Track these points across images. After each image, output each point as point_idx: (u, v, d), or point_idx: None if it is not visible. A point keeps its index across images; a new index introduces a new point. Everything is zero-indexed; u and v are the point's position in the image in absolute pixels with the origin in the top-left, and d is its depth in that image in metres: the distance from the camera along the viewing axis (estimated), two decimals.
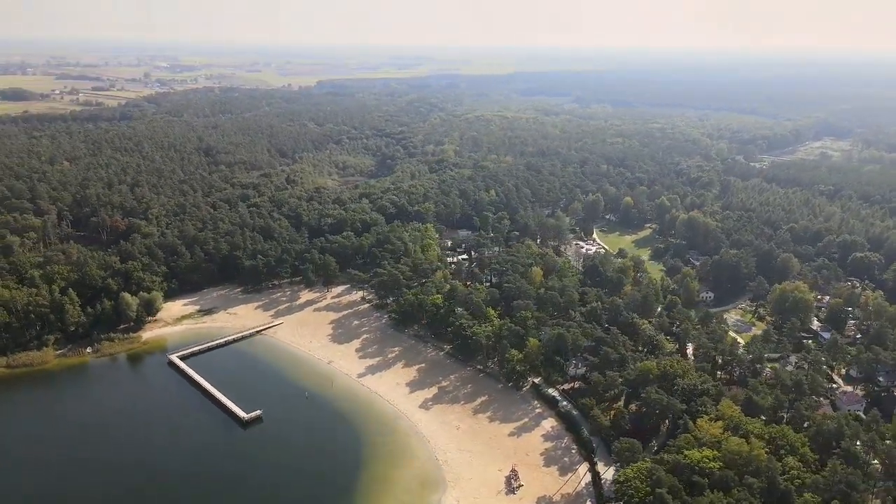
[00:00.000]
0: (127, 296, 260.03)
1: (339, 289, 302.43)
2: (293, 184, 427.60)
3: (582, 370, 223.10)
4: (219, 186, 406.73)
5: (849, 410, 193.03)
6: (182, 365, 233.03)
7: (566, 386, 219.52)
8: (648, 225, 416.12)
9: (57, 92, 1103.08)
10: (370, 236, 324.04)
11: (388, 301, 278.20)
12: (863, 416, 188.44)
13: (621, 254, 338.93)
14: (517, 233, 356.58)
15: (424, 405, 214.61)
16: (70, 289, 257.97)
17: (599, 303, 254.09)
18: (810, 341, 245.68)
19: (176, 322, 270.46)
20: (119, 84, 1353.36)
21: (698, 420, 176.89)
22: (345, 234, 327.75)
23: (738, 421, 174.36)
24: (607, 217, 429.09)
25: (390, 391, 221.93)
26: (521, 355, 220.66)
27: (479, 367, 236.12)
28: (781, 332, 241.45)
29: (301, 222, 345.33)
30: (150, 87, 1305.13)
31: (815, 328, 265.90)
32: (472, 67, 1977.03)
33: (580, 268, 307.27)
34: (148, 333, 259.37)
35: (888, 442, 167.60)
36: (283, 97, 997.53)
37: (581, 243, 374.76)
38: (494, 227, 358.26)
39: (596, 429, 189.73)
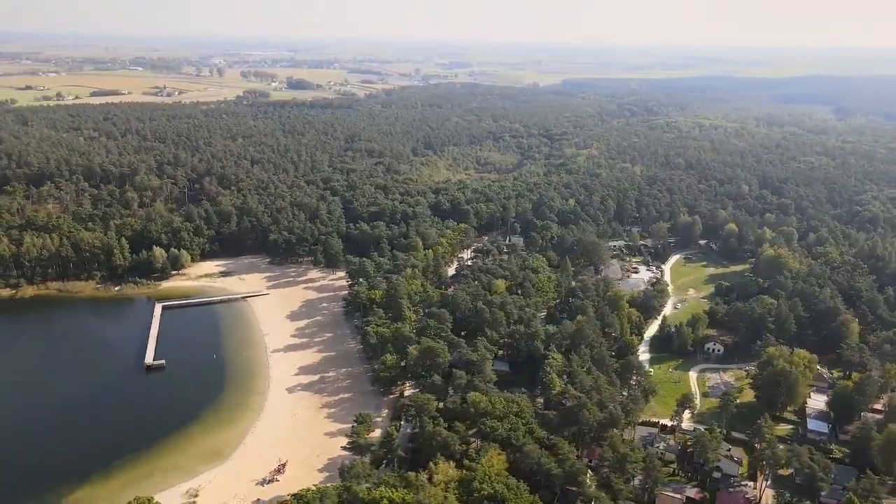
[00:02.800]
0: (157, 250, 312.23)
1: (343, 273, 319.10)
2: (395, 173, 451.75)
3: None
4: (321, 169, 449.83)
5: None
6: (157, 313, 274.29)
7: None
8: (752, 259, 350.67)
9: (331, 83, 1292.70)
10: (387, 228, 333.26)
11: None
12: None
13: (658, 286, 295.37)
14: (553, 244, 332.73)
15: (292, 389, 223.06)
16: (124, 237, 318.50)
17: (522, 327, 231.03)
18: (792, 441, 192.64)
19: (196, 278, 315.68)
20: (392, 78, 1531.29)
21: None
22: (375, 223, 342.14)
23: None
24: (707, 244, 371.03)
25: (281, 371, 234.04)
26: (392, 361, 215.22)
27: (376, 366, 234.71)
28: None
29: (349, 208, 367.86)
30: (411, 81, 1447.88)
31: (812, 413, 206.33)
32: (751, 70, 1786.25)
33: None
34: (167, 283, 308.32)
35: None
36: (504, 94, 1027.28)
37: (642, 268, 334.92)
38: (537, 236, 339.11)
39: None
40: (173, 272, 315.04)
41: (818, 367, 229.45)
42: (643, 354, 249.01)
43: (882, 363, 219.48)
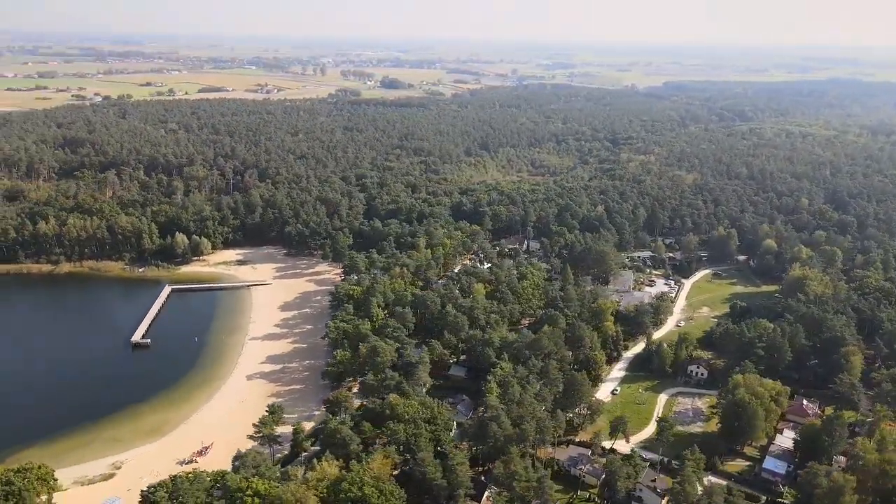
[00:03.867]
0: (179, 236, 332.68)
1: None
2: (433, 172, 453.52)
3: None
4: (361, 165, 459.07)
5: None
6: (163, 295, 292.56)
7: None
8: None
9: (424, 83, 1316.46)
10: (398, 226, 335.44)
11: None
12: None
13: (660, 299, 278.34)
14: (565, 251, 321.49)
15: (252, 377, 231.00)
16: (154, 223, 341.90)
17: (479, 332, 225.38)
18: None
19: (214, 265, 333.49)
20: (487, 78, 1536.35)
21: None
22: (389, 221, 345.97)
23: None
24: (746, 260, 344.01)
25: (250, 358, 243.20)
26: (343, 357, 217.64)
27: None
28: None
29: (372, 205, 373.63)
30: (505, 82, 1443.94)
31: (774, 451, 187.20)
32: (888, 73, 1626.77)
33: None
34: (186, 268, 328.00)
35: None
36: (589, 96, 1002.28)
37: (660, 281, 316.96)
38: (547, 241, 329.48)
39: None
40: (194, 258, 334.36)
41: (807, 400, 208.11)
42: (619, 372, 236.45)
43: (874, 403, 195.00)
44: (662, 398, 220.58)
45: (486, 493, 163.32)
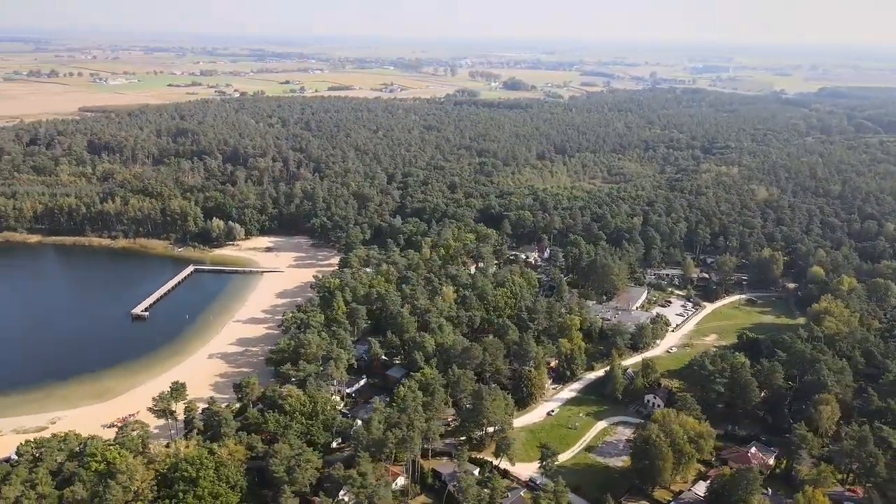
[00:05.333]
0: (216, 221, 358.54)
1: None
2: (487, 175, 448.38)
3: None
4: (416, 163, 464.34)
5: None
6: (183, 274, 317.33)
7: None
8: None
9: (549, 84, 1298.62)
10: (414, 225, 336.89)
11: None
12: None
13: (654, 321, 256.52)
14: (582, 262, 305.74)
15: (213, 356, 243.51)
16: (199, 207, 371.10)
17: (417, 335, 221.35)
18: None
19: (244, 250, 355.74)
20: (622, 81, 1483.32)
21: None
22: (410, 219, 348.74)
23: None
24: (795, 288, 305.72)
25: (222, 338, 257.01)
26: (284, 345, 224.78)
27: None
28: None
29: (402, 202, 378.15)
30: (639, 85, 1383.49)
31: (685, 499, 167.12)
32: None
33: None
34: (218, 251, 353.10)
35: None
36: (715, 101, 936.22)
37: (678, 302, 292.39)
38: (558, 251, 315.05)
39: None
40: (227, 242, 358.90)
41: (758, 447, 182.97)
42: (570, 392, 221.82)
43: (821, 462, 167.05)
44: (600, 425, 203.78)
45: (341, 492, 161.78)
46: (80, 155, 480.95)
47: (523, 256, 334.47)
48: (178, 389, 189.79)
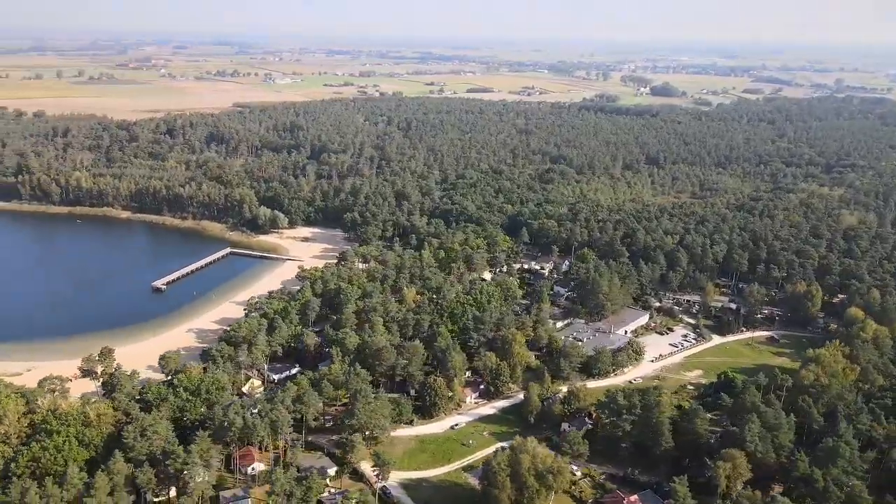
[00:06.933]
0: (262, 209, 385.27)
1: None
2: (545, 182, 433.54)
3: None
4: (477, 167, 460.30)
5: None
6: (218, 255, 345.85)
7: None
8: None
9: (703, 90, 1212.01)
10: (431, 225, 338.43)
11: None
12: None
13: (622, 348, 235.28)
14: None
15: (191, 331, 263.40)
16: (256, 195, 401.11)
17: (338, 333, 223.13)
18: None
19: (284, 238, 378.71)
20: (800, 88, 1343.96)
21: None
22: (434, 220, 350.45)
23: None
24: (836, 328, 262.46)
25: (209, 316, 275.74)
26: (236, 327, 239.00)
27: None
28: None
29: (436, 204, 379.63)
30: (818, 91, 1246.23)
31: None
32: None
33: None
34: (261, 237, 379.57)
35: None
36: (888, 114, 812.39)
37: (680, 331, 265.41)
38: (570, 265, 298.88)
39: None
40: (272, 230, 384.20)
41: (639, 498, 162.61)
42: (491, 409, 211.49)
43: None
44: (498, 447, 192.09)
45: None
46: (193, 144, 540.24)
47: (537, 267, 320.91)
48: (105, 354, 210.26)
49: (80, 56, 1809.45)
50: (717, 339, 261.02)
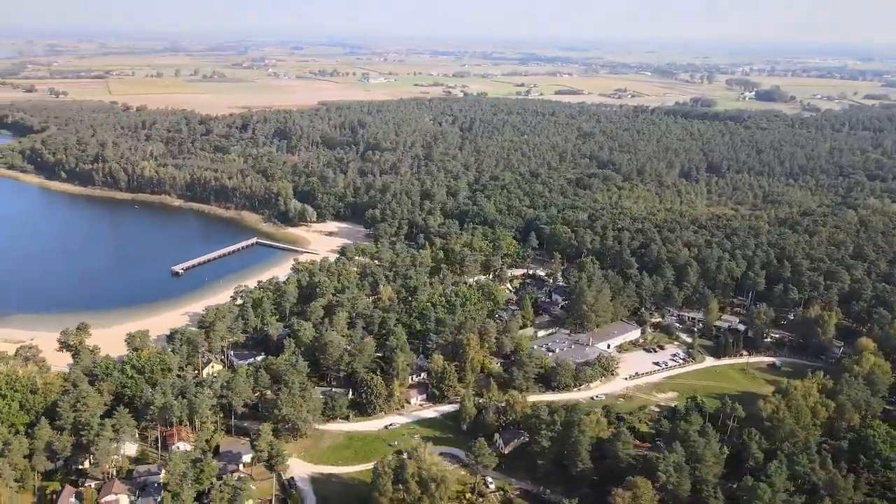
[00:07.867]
0: (292, 203, 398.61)
1: None
2: (584, 188, 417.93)
3: None
4: (516, 170, 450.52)
5: None
6: (244, 244, 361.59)
7: None
8: None
9: (817, 96, 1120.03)
10: (445, 226, 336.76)
11: None
12: None
13: (588, 363, 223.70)
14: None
15: (186, 314, 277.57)
16: (292, 188, 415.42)
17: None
18: None
19: (310, 231, 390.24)
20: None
21: None
22: (448, 220, 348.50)
23: None
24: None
25: (210, 301, 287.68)
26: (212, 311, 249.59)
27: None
28: None
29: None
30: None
31: None
32: None
33: None
34: (290, 229, 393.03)
35: None
36: None
37: (671, 350, 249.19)
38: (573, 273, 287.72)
39: None
40: (300, 223, 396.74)
41: None
42: (434, 413, 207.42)
43: None
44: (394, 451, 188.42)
45: None
46: (258, 139, 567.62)
47: (542, 273, 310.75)
48: (82, 329, 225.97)
49: (205, 56, 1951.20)
50: (709, 361, 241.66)
